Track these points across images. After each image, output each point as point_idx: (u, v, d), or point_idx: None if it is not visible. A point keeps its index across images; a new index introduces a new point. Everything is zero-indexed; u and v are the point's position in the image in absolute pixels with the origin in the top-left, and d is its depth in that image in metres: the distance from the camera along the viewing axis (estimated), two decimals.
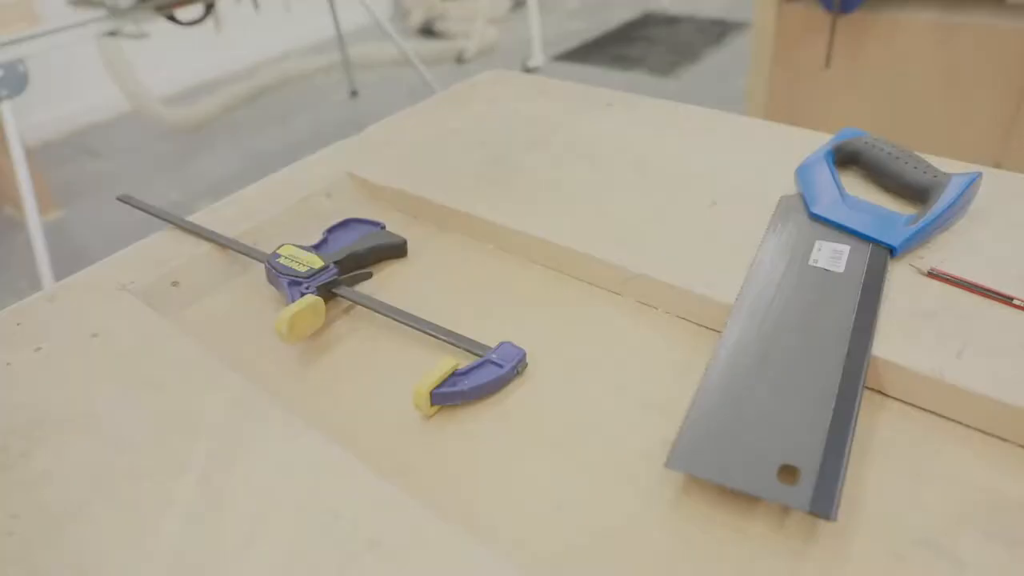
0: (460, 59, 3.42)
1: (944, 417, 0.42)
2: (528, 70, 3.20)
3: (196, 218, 0.64)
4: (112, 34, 1.85)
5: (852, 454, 0.40)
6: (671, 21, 3.75)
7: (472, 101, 0.83)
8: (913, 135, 1.73)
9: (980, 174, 0.55)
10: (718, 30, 3.55)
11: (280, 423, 0.42)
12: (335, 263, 0.56)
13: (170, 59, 3.30)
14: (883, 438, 0.41)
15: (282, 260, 0.55)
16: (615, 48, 3.42)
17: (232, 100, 3.05)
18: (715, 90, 2.88)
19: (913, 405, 0.43)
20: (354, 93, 3.13)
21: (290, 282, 0.53)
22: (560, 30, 3.74)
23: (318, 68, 3.41)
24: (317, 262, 0.55)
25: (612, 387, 0.46)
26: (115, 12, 1.78)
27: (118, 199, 0.67)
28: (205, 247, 0.60)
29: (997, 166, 0.59)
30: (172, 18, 1.97)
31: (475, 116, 0.79)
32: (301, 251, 0.56)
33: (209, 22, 2.34)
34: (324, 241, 0.60)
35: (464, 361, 0.47)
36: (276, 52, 3.71)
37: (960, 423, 0.41)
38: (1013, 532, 0.35)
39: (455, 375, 0.45)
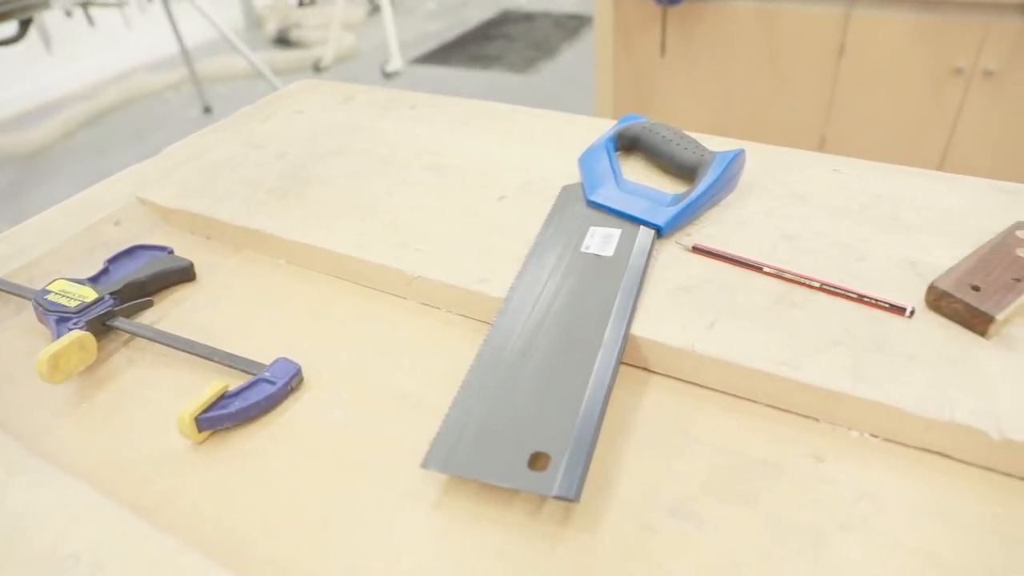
0: (317, 67, 3.34)
1: (700, 386, 0.44)
2: (387, 75, 3.17)
3: None
4: None
5: (612, 433, 0.41)
6: (528, 18, 3.81)
7: (278, 113, 0.81)
8: (747, 118, 1.83)
9: (742, 150, 0.58)
10: (574, 24, 3.64)
11: (26, 471, 0.39)
12: (112, 294, 0.53)
13: None
14: (644, 413, 0.43)
15: (51, 296, 0.52)
16: (474, 48, 3.45)
17: (72, 122, 2.87)
18: (572, 84, 2.95)
19: (674, 378, 0.45)
20: (207, 109, 3.01)
21: (58, 319, 0.50)
22: (419, 32, 3.74)
23: (166, 84, 3.25)
24: (90, 295, 0.52)
25: (389, 392, 0.45)
26: None
27: None
28: None
29: (822, 143, 0.63)
30: None
31: (278, 128, 0.77)
32: (74, 284, 0.53)
33: (35, 40, 2.19)
34: (105, 271, 0.57)
35: (239, 382, 0.45)
36: (119, 69, 3.51)
37: (714, 390, 0.44)
38: (751, 489, 0.38)
39: (225, 397, 0.44)
